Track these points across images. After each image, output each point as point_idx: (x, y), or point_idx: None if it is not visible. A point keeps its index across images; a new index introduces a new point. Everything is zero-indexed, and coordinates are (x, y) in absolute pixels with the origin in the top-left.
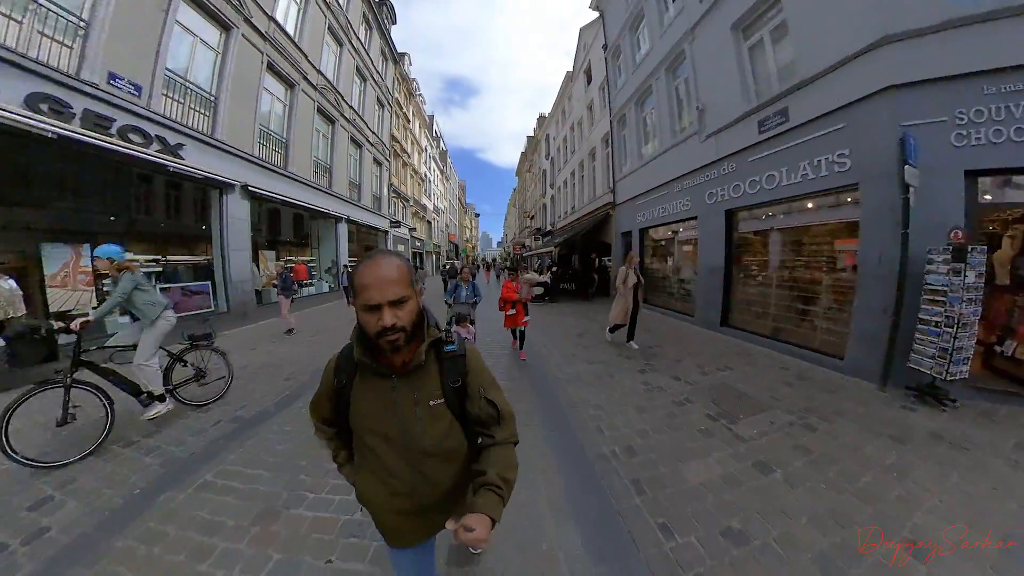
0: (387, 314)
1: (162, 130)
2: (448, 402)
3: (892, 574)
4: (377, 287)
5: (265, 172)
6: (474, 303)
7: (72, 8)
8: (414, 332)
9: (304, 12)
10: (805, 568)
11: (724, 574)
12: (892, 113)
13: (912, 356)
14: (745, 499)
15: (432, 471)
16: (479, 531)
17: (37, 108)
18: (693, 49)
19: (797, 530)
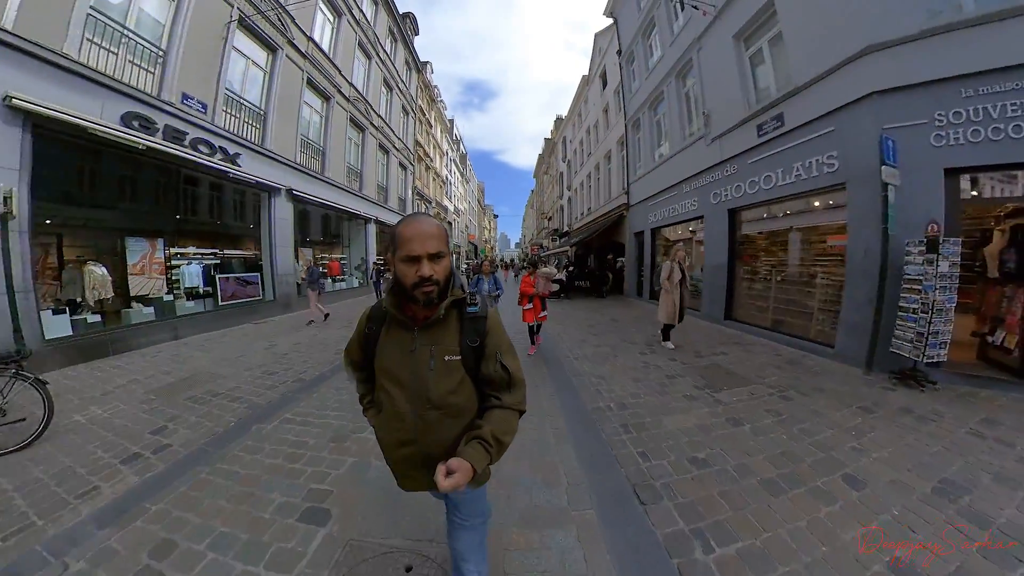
0: (426, 266)
1: (224, 141)
2: (464, 359)
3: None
4: (419, 240)
5: (306, 177)
6: (495, 296)
7: (153, 39)
8: (446, 287)
9: (337, 30)
10: (752, 487)
11: (686, 485)
12: (875, 117)
13: (894, 341)
14: (713, 441)
15: (437, 423)
16: (458, 476)
17: (131, 124)
18: (700, 57)
19: (752, 463)
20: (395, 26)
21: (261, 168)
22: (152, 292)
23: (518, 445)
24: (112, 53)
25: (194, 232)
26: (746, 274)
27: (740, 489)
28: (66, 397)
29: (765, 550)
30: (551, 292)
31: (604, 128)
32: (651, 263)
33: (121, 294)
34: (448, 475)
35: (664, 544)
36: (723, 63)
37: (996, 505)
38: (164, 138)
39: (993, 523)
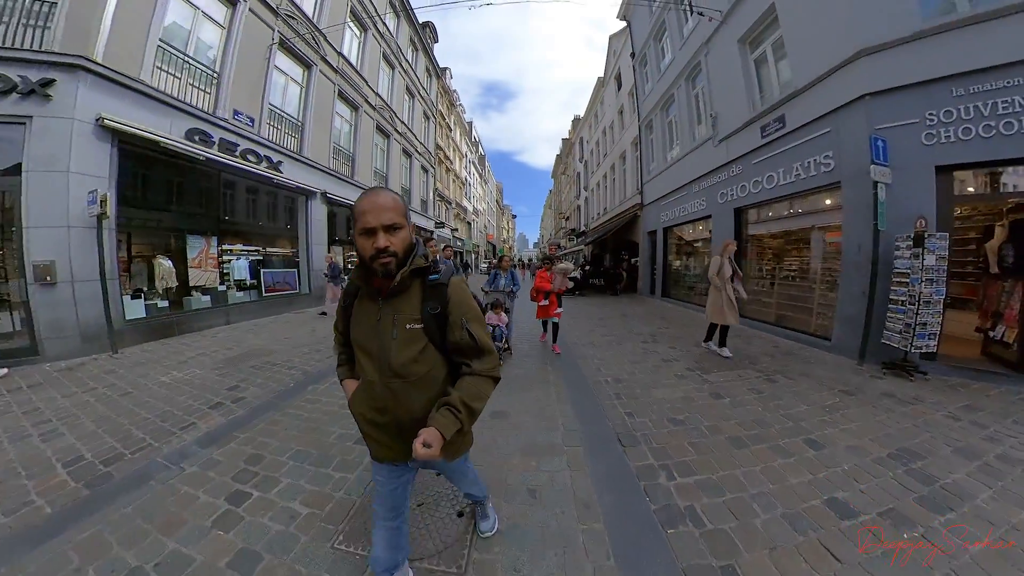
0: (381, 237)
1: (268, 151)
2: (426, 328)
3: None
4: (374, 212)
5: (338, 181)
6: (511, 292)
7: (209, 64)
8: (405, 259)
9: (364, 44)
10: (719, 441)
11: (661, 436)
12: (868, 118)
13: (885, 333)
14: (693, 409)
15: (403, 392)
16: (434, 448)
17: (192, 138)
18: (708, 60)
19: (723, 425)
20: (416, 36)
21: (299, 174)
22: (208, 283)
23: (525, 401)
24: (176, 77)
25: (241, 231)
26: (751, 271)
27: (708, 442)
28: (150, 365)
29: (719, 483)
30: (566, 289)
31: (619, 129)
32: (663, 262)
33: (182, 284)
34: (425, 446)
35: (635, 472)
36: (729, 66)
37: (947, 470)
38: (219, 150)
39: (937, 482)
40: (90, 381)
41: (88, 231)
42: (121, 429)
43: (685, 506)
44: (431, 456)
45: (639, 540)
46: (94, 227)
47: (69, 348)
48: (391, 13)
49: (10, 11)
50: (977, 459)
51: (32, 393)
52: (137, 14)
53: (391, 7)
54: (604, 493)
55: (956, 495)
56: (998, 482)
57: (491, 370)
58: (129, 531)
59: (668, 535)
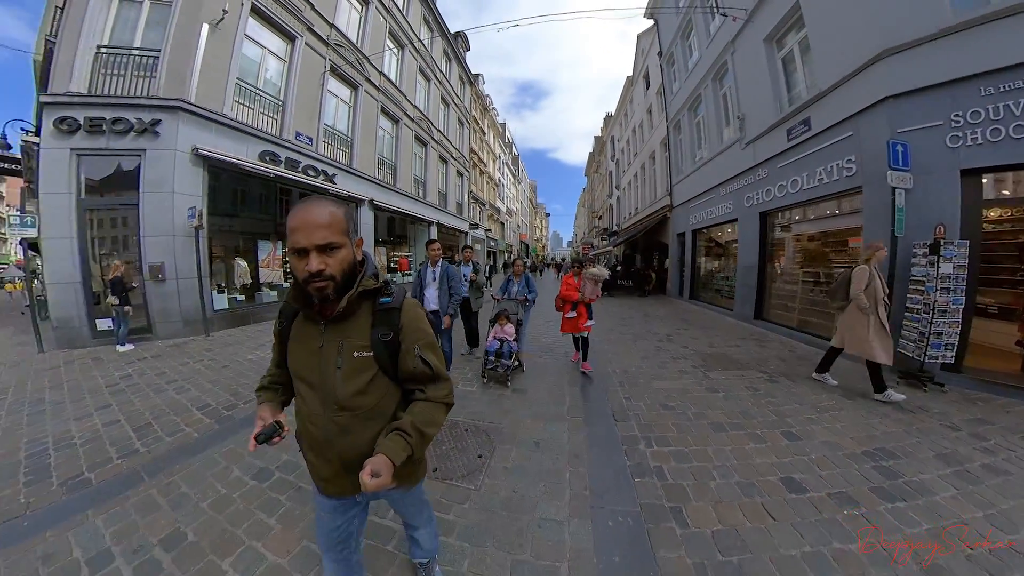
0: (314, 259)
1: (324, 165)
2: (376, 355)
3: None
4: (304, 230)
5: (382, 188)
6: (525, 300)
7: (275, 94)
8: (346, 282)
9: (401, 61)
10: (701, 425)
11: (650, 416)
12: (890, 121)
13: (900, 341)
14: (686, 398)
15: (350, 425)
16: (384, 476)
17: (264, 159)
18: (734, 60)
19: (709, 413)
20: (449, 47)
21: (350, 184)
22: (274, 280)
23: (540, 384)
24: (250, 108)
25: None
26: (775, 275)
27: (691, 424)
28: (236, 346)
29: (689, 454)
30: (597, 298)
31: (648, 128)
32: (692, 264)
33: (254, 281)
34: (373, 476)
35: (621, 439)
36: (756, 66)
37: (917, 471)
38: (285, 167)
39: (900, 478)
40: (196, 355)
41: (188, 239)
42: (230, 388)
43: (655, 466)
44: (382, 485)
45: (612, 482)
46: (192, 236)
47: (174, 330)
48: (425, 27)
49: (125, 65)
50: (957, 465)
51: (156, 362)
52: (219, 59)
53: (425, 22)
54: (592, 449)
55: (915, 490)
56: (969, 486)
57: (445, 396)
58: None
59: (635, 482)
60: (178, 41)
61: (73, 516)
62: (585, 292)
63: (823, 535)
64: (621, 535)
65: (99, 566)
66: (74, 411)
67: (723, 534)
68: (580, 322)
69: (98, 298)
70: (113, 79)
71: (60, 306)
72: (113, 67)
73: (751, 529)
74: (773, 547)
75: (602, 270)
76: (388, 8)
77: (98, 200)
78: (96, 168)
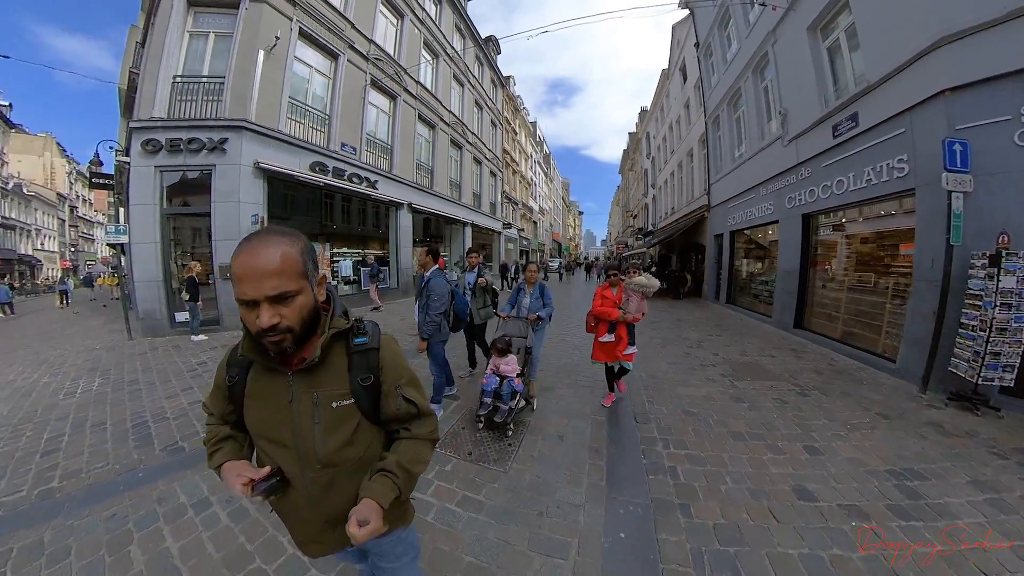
0: (265, 313)
1: (368, 172)
2: (357, 402)
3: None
4: (251, 280)
5: (420, 192)
6: (538, 320)
7: (322, 109)
8: (307, 331)
9: (436, 69)
10: (720, 433)
11: (670, 420)
12: (948, 117)
13: (952, 360)
14: (710, 406)
15: (334, 482)
16: (373, 522)
17: (314, 170)
18: (776, 51)
19: (731, 422)
20: (480, 52)
21: (391, 189)
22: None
23: (574, 383)
24: (301, 123)
25: (345, 237)
26: (818, 282)
27: (710, 431)
28: None
29: (705, 459)
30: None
31: (686, 124)
32: (729, 267)
33: None
34: (361, 526)
35: (640, 439)
36: (799, 57)
37: (943, 494)
38: (333, 176)
39: (923, 499)
40: None
41: None
42: None
43: (669, 466)
44: (373, 532)
45: (627, 476)
46: None
47: (238, 322)
48: (457, 35)
49: (196, 92)
50: (993, 493)
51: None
52: (273, 81)
53: (457, 30)
54: (612, 445)
55: (936, 512)
56: (1000, 515)
57: (431, 433)
58: None
59: (649, 479)
60: (239, 67)
61: (176, 473)
62: (629, 308)
63: (824, 540)
64: (629, 520)
65: (201, 509)
66: (163, 391)
67: (724, 527)
68: (619, 348)
69: (176, 294)
70: (187, 104)
71: (145, 300)
72: (187, 94)
73: (753, 527)
74: (771, 544)
75: (651, 279)
76: (422, 19)
77: (177, 209)
78: (175, 181)
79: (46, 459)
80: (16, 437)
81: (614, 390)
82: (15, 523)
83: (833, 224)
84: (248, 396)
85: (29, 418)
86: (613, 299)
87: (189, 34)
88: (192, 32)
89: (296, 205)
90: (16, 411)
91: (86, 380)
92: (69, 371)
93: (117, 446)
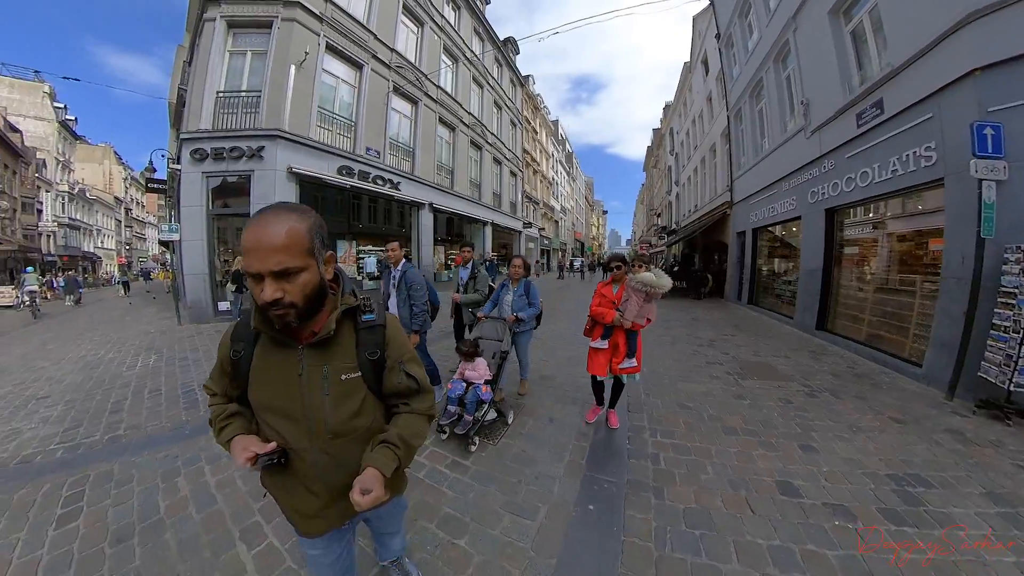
0: (268, 287)
1: (391, 175)
2: (364, 375)
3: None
4: (257, 253)
5: (441, 192)
6: (516, 321)
7: (348, 116)
8: (311, 307)
9: (456, 72)
10: (713, 427)
11: (663, 412)
12: (979, 99)
13: (982, 364)
14: (708, 401)
15: (342, 452)
16: (375, 490)
17: (341, 173)
18: (796, 38)
19: (726, 418)
20: (499, 54)
21: (413, 190)
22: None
23: (574, 375)
24: (328, 130)
25: (369, 235)
26: (842, 281)
27: (703, 425)
28: None
29: (690, 449)
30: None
31: (708, 119)
32: (752, 266)
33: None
34: (363, 493)
35: (629, 426)
36: (820, 44)
37: (950, 503)
38: (358, 179)
39: (924, 506)
40: None
41: None
42: None
43: (652, 452)
44: (376, 499)
45: (609, 457)
46: None
47: None
48: (476, 38)
49: (236, 105)
50: (1008, 507)
51: None
52: (304, 92)
53: (475, 33)
54: (599, 431)
55: (935, 520)
56: (1012, 529)
57: (428, 408)
58: None
59: (629, 462)
60: (273, 81)
61: None
62: (628, 310)
63: (799, 535)
64: (601, 495)
65: None
66: (208, 367)
67: (695, 512)
68: (616, 359)
69: (220, 286)
70: (229, 116)
71: (193, 291)
72: (228, 107)
73: (725, 515)
74: (740, 533)
75: (662, 277)
76: (441, 26)
77: (220, 210)
78: (218, 185)
79: (113, 416)
80: (89, 399)
81: (610, 401)
82: (92, 458)
83: (858, 219)
84: (255, 370)
85: (99, 385)
86: (612, 298)
87: (229, 53)
88: (232, 51)
89: (325, 205)
90: (87, 380)
91: (144, 356)
92: (130, 349)
93: (169, 408)
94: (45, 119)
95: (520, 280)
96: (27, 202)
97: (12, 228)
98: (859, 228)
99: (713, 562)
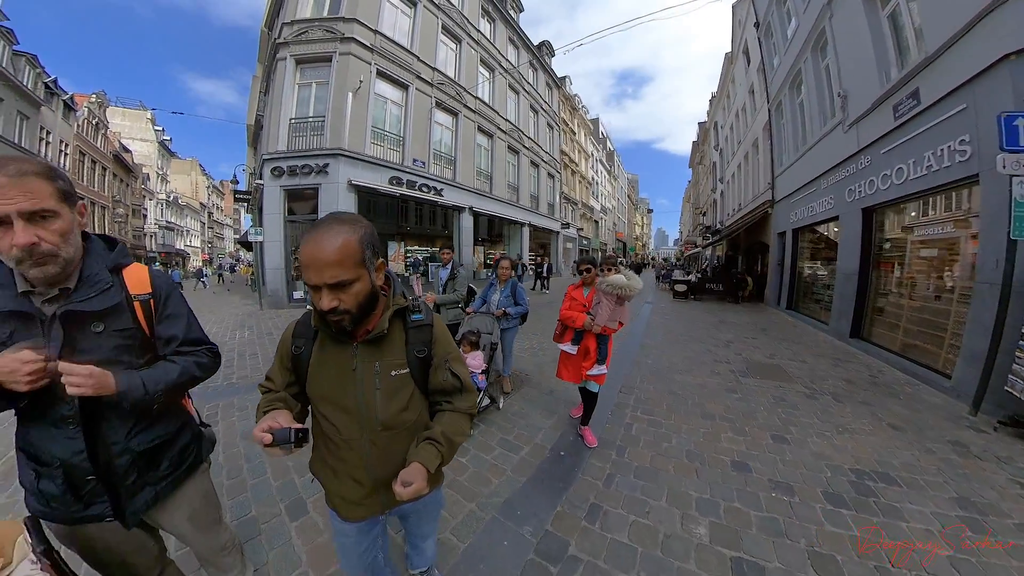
0: (326, 297)
1: (435, 183)
2: (412, 372)
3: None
4: (314, 268)
5: (480, 197)
6: (504, 315)
7: (397, 132)
8: (364, 312)
9: (493, 82)
10: (693, 412)
11: (653, 396)
12: (1013, 86)
13: (1009, 378)
14: (698, 392)
15: (390, 444)
16: (417, 483)
17: (392, 183)
18: (833, 25)
19: (708, 406)
20: (534, 59)
21: (454, 196)
22: (398, 272)
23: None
24: (380, 146)
25: (416, 236)
26: (879, 286)
27: (684, 409)
28: None
29: (663, 424)
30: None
31: (751, 112)
32: (792, 268)
33: None
34: (405, 486)
35: (615, 402)
36: (857, 30)
37: (906, 500)
38: (407, 188)
39: (878, 498)
40: None
41: None
42: None
43: (628, 422)
44: (418, 491)
45: (590, 422)
46: None
47: None
48: (511, 47)
49: (305, 129)
50: (976, 513)
51: None
52: (359, 114)
53: (510, 42)
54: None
55: (881, 511)
56: (967, 532)
57: (470, 407)
58: None
59: (605, 427)
60: (335, 107)
61: None
62: (599, 314)
63: (729, 494)
64: (574, 446)
65: None
66: None
67: (646, 469)
68: (584, 365)
69: (294, 279)
70: (299, 138)
71: (272, 282)
72: (298, 131)
73: (671, 476)
74: (678, 487)
75: (633, 279)
76: (477, 40)
77: (294, 217)
78: (293, 197)
79: (226, 370)
80: None
81: (584, 417)
82: (219, 396)
83: (897, 219)
84: (314, 364)
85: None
86: (583, 301)
87: (298, 85)
88: (300, 83)
89: (378, 211)
90: None
91: (239, 331)
92: (228, 325)
93: (265, 366)
94: (148, 140)
95: (508, 281)
96: (136, 208)
97: (125, 230)
98: (897, 229)
99: (645, 497)
